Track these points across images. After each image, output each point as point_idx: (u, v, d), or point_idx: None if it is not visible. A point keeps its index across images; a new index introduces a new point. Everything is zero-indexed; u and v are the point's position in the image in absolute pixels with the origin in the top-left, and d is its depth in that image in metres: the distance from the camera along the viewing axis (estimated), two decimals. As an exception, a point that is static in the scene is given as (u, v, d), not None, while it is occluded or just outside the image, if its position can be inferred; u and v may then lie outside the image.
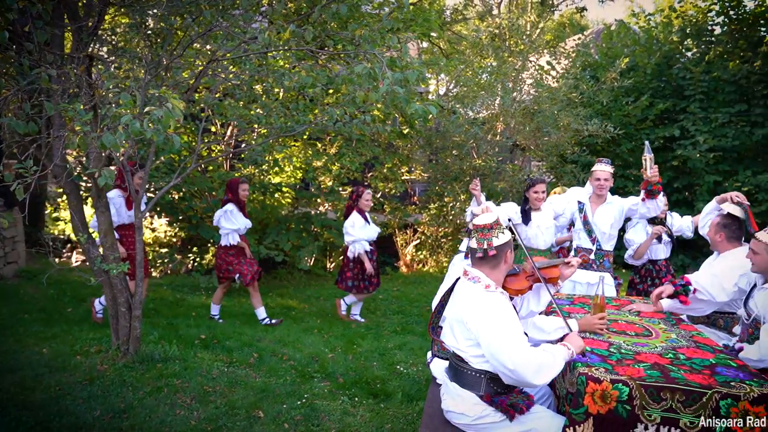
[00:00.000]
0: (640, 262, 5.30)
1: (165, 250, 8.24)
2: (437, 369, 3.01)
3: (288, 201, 8.50)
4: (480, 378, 2.46)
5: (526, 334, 2.50)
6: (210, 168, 7.92)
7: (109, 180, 3.25)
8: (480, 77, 9.11)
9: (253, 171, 7.73)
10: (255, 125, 6.67)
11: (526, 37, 9.83)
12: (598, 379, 2.24)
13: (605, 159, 4.73)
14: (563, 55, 10.28)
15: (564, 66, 10.11)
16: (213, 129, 7.96)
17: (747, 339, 3.01)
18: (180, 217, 7.73)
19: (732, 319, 3.64)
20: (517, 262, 3.02)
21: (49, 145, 3.75)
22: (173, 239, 8.43)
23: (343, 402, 3.81)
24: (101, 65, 4.10)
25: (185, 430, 3.31)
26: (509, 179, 8.54)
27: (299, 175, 8.50)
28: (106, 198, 4.21)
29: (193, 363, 4.28)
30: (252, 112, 5.92)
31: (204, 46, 4.87)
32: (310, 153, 8.11)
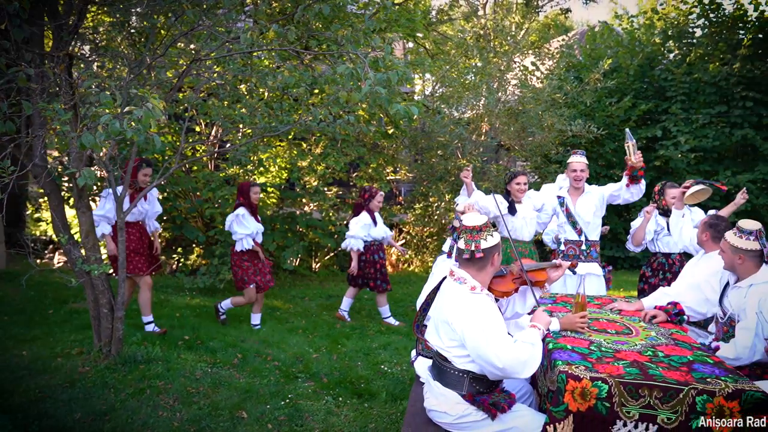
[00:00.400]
0: (640, 248, 5.06)
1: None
2: (421, 367, 3.03)
3: (273, 201, 8.46)
4: (463, 377, 2.48)
5: (510, 334, 2.53)
6: (194, 168, 7.87)
7: (89, 180, 3.21)
8: (465, 78, 9.15)
9: (238, 171, 7.69)
10: (239, 125, 6.64)
11: (510, 38, 9.89)
12: (578, 377, 2.27)
13: (580, 150, 4.79)
14: (548, 56, 10.36)
15: (548, 67, 10.19)
16: (197, 129, 7.90)
17: (722, 337, 3.06)
18: (164, 218, 7.66)
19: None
20: (506, 261, 3.04)
21: (29, 145, 3.71)
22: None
23: (327, 402, 3.81)
24: (82, 64, 4.06)
25: (168, 431, 3.29)
26: (494, 179, 8.60)
27: (284, 175, 8.47)
28: (87, 198, 4.16)
29: (177, 364, 4.25)
30: (236, 112, 5.90)
31: (188, 45, 4.84)
32: (295, 153, 8.08)
